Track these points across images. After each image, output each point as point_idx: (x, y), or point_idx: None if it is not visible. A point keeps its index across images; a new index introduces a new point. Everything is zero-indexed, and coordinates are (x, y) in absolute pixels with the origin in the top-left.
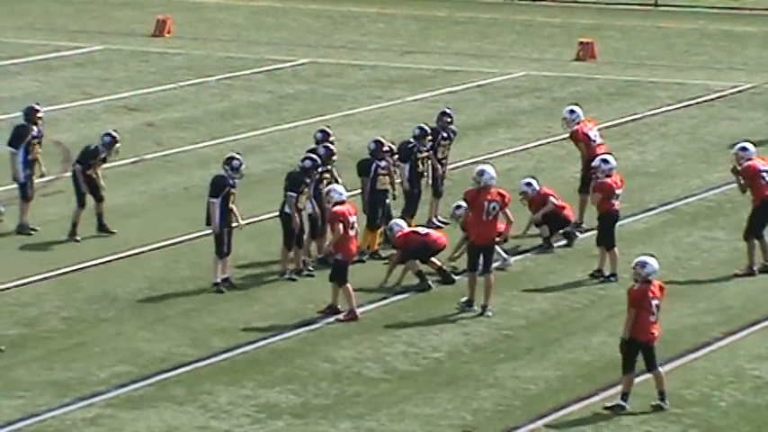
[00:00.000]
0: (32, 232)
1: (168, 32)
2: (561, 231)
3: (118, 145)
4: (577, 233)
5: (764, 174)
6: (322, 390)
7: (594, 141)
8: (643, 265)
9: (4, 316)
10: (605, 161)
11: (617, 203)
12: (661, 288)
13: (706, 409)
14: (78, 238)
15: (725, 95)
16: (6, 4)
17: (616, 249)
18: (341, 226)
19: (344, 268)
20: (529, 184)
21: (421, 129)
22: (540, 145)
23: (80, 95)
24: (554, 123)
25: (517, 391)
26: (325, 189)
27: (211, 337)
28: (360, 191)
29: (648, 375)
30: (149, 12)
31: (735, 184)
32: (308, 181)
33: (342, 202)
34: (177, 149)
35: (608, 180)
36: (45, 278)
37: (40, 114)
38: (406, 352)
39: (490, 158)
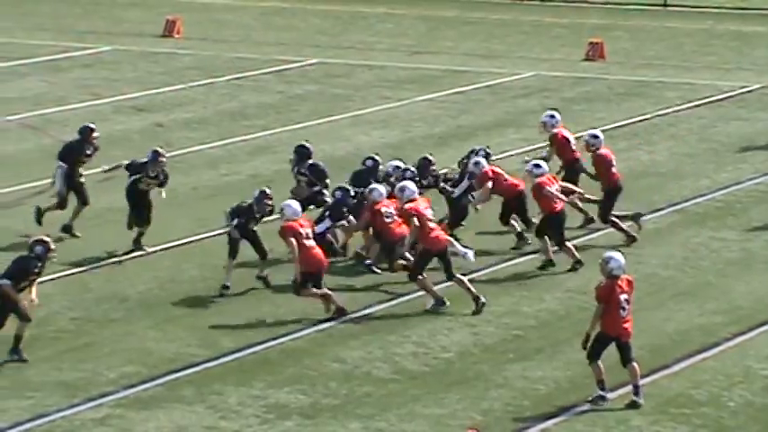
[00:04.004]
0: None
1: (177, 33)
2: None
3: (163, 159)
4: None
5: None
6: (331, 390)
7: (573, 146)
8: (608, 260)
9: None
10: (537, 166)
11: (559, 204)
12: (629, 283)
13: (715, 410)
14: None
15: (734, 96)
16: (15, 4)
17: (569, 244)
18: (293, 240)
19: (306, 281)
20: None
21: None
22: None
23: (89, 96)
24: (563, 124)
25: (527, 392)
26: (283, 205)
27: (221, 338)
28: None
29: (657, 375)
30: (158, 12)
31: (745, 184)
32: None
33: (294, 219)
34: (186, 150)
35: (542, 179)
36: (53, 279)
37: (95, 134)
38: (416, 352)
39: (499, 159)
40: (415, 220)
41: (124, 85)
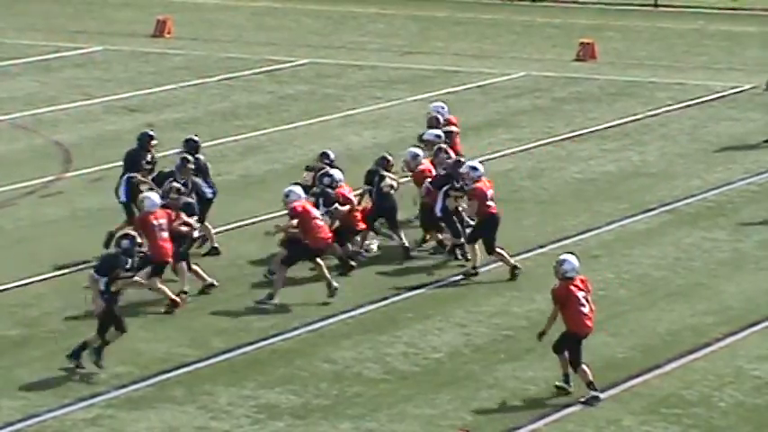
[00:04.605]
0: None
1: (168, 33)
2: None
3: (191, 165)
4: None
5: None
6: (322, 390)
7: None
8: (561, 263)
9: (5, 317)
10: (474, 168)
11: (493, 206)
12: (584, 282)
13: (706, 410)
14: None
15: (725, 96)
16: (6, 4)
17: (500, 250)
18: (147, 231)
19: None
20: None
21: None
22: (541, 145)
23: (80, 96)
24: (554, 124)
25: (517, 392)
26: (142, 197)
27: (211, 338)
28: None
29: (648, 375)
30: (149, 12)
31: (736, 184)
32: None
33: (152, 212)
34: (177, 150)
35: (478, 185)
36: (46, 279)
37: (154, 142)
38: (407, 352)
39: (490, 159)
40: (295, 221)
41: (115, 85)
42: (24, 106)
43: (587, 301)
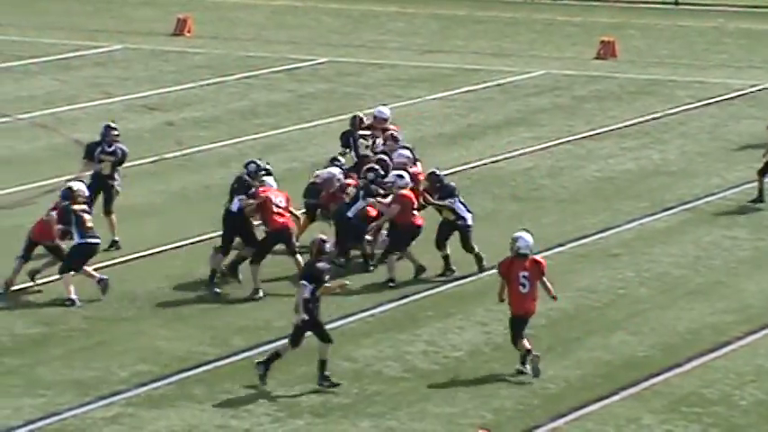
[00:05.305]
0: None
1: (188, 32)
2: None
3: (263, 173)
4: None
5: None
6: (342, 389)
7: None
8: (516, 239)
9: (26, 315)
10: (400, 176)
11: (418, 216)
12: (534, 263)
13: (727, 408)
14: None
15: (745, 94)
16: (26, 3)
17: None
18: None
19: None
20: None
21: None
22: (560, 144)
23: (100, 95)
24: (574, 122)
25: (537, 390)
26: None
27: (231, 336)
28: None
29: (668, 374)
30: (169, 11)
31: (755, 183)
32: None
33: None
34: (197, 149)
35: (405, 192)
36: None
37: (114, 133)
38: (427, 351)
39: (510, 157)
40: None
41: (135, 84)
42: (44, 105)
43: (528, 280)
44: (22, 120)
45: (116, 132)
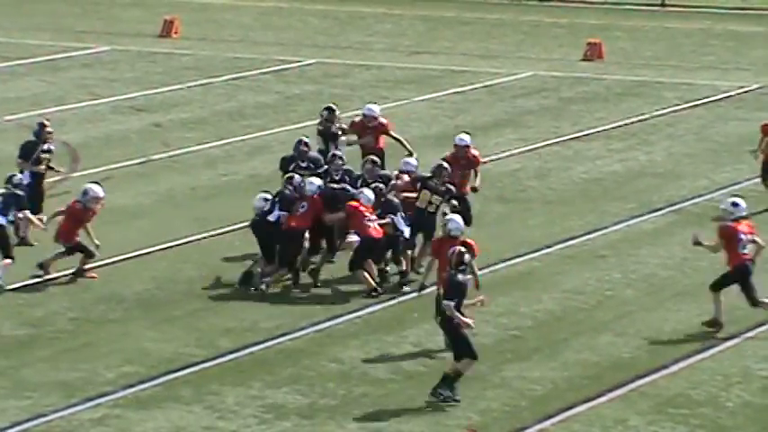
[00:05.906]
0: None
1: (175, 33)
2: None
3: (298, 178)
4: None
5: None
6: (329, 390)
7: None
8: (447, 222)
9: (12, 316)
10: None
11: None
12: (464, 243)
13: (713, 410)
14: None
15: (732, 96)
16: (13, 4)
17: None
18: None
19: None
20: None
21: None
22: (548, 145)
23: (87, 96)
24: (561, 124)
25: (524, 392)
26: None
27: (218, 338)
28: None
29: (655, 375)
30: (156, 12)
31: (743, 184)
32: None
33: None
34: (184, 150)
35: (359, 207)
36: (53, 278)
37: (48, 130)
38: (413, 352)
39: (497, 159)
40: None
41: (122, 85)
42: (31, 106)
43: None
44: (10, 121)
45: (50, 130)
